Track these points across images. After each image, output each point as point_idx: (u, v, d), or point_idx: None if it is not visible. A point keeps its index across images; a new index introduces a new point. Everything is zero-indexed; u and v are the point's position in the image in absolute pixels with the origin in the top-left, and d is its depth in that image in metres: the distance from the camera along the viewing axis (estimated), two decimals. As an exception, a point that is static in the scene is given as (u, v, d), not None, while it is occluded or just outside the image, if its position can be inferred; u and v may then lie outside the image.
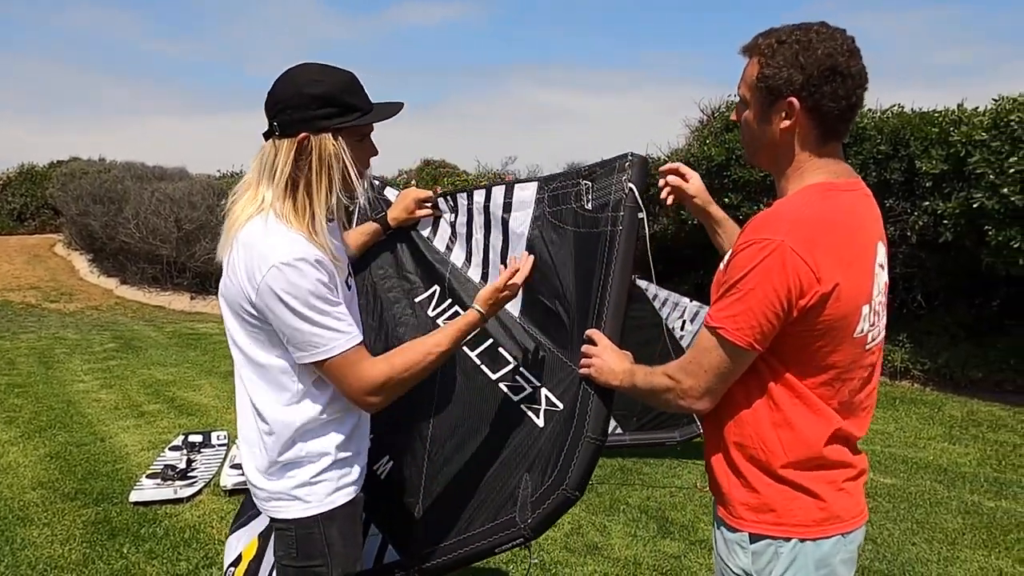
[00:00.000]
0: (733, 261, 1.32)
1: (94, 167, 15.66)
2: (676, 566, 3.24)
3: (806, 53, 1.29)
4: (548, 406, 1.75)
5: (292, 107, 1.46)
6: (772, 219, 1.30)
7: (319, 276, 1.45)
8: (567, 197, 1.83)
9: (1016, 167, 5.34)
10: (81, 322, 10.56)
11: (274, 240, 1.44)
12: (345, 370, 1.48)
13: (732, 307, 1.30)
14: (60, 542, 3.41)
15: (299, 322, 1.44)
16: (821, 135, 1.35)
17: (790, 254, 1.25)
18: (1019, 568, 3.23)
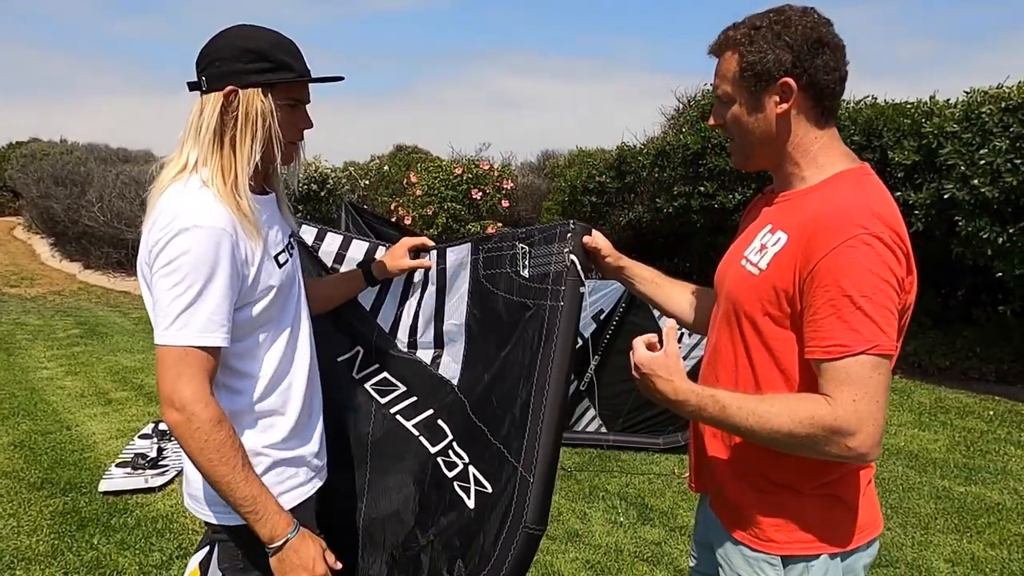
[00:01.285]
0: (836, 268, 1.17)
1: (55, 148, 15.24)
2: (657, 552, 3.25)
3: (788, 31, 1.26)
4: (477, 486, 1.63)
5: (221, 59, 1.38)
6: (854, 213, 1.20)
7: (222, 252, 1.31)
8: (502, 260, 1.71)
9: (986, 159, 5.41)
10: (43, 307, 10.27)
11: (186, 203, 1.33)
12: (177, 367, 1.29)
13: (872, 318, 1.16)
14: (27, 533, 3.31)
15: (166, 291, 1.29)
16: (820, 113, 1.31)
17: (893, 245, 1.19)
18: (991, 552, 3.30)
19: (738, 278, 1.37)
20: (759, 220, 1.41)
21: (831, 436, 1.17)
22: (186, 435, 1.29)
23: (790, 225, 1.29)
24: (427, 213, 10.09)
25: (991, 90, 5.74)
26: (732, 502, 1.39)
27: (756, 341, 1.33)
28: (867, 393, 1.16)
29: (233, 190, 1.36)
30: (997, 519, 3.63)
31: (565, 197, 9.79)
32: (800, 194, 1.33)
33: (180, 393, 1.28)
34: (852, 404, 1.16)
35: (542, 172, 12.64)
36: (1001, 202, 5.39)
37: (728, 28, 1.34)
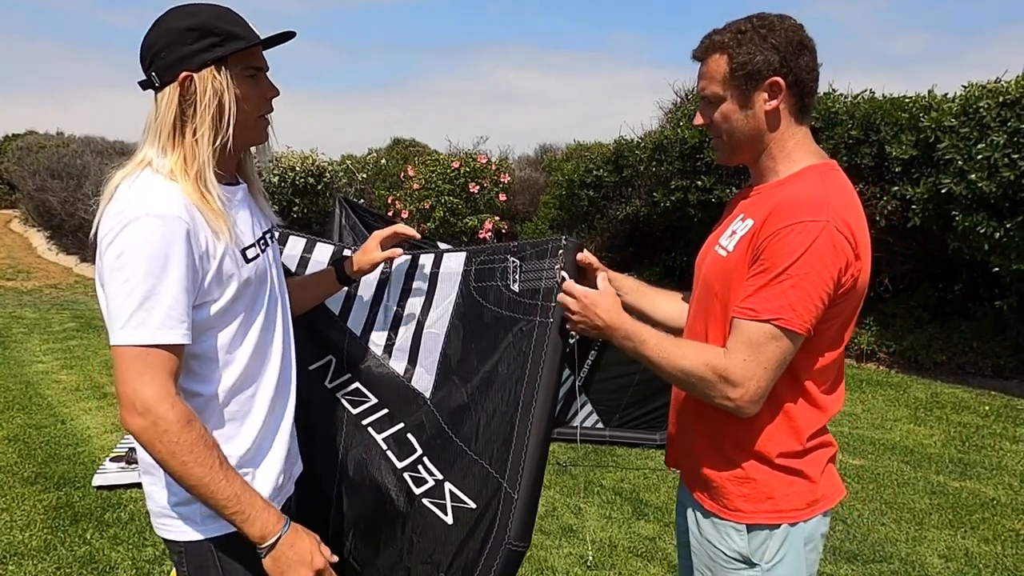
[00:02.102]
0: (774, 246, 1.28)
1: (52, 141, 15.19)
2: (651, 547, 3.25)
3: (773, 34, 1.36)
4: (455, 502, 1.60)
5: (165, 47, 1.27)
6: (807, 202, 1.30)
7: (173, 241, 1.21)
8: (492, 273, 1.69)
9: (984, 153, 5.40)
10: (39, 300, 10.25)
11: (134, 195, 1.23)
12: (124, 368, 1.19)
13: (787, 294, 1.27)
14: (20, 528, 3.30)
15: (119, 287, 1.19)
16: (800, 110, 1.41)
17: (836, 234, 1.27)
18: (984, 547, 3.30)
19: (711, 263, 1.47)
20: (735, 211, 1.50)
21: (717, 382, 1.32)
22: (153, 440, 1.19)
23: (757, 213, 1.39)
24: (424, 207, 10.07)
25: (989, 84, 5.73)
26: (704, 475, 1.47)
27: (719, 318, 1.43)
28: (758, 357, 1.30)
29: (197, 181, 1.27)
30: (991, 514, 3.63)
31: (563, 191, 9.77)
32: (771, 186, 1.43)
33: (142, 395, 1.18)
34: (742, 362, 1.30)
35: (540, 166, 12.61)
36: (998, 197, 5.38)
37: (711, 34, 1.42)
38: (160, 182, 1.26)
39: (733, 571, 1.44)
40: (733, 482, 1.43)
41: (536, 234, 10.33)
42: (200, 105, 1.28)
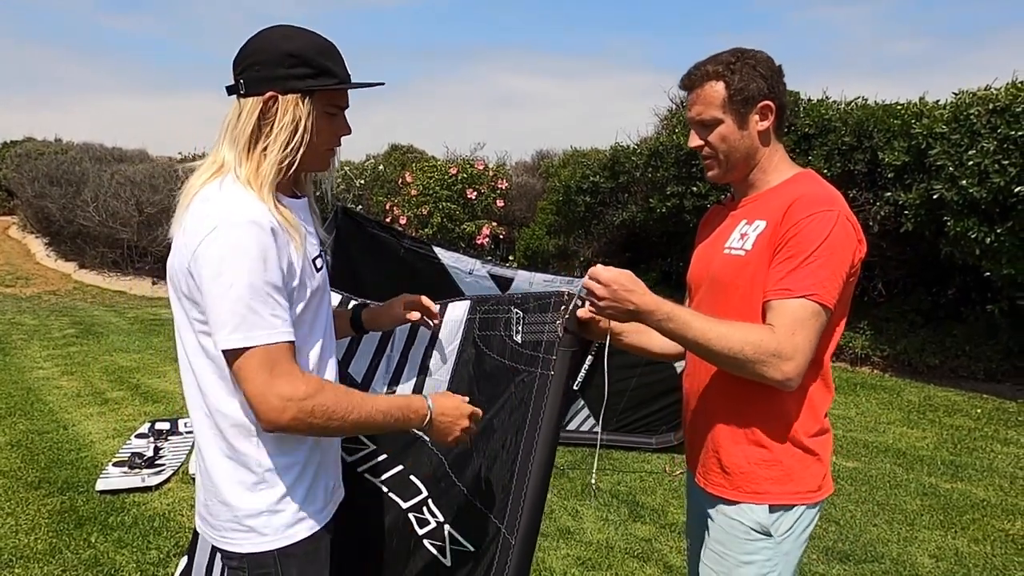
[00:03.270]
0: (800, 234, 1.43)
1: (50, 148, 15.23)
2: (647, 549, 3.31)
3: (759, 64, 1.54)
4: (455, 545, 1.65)
5: (261, 63, 1.32)
6: (820, 196, 1.48)
7: (268, 246, 1.26)
8: (497, 323, 1.70)
9: (974, 160, 5.48)
10: (38, 307, 10.29)
11: (226, 200, 1.28)
12: (266, 366, 1.24)
13: (818, 272, 1.42)
14: (25, 532, 3.34)
15: (229, 294, 1.23)
16: (779, 128, 1.60)
17: (847, 222, 1.46)
18: (974, 547, 3.36)
19: (724, 263, 1.58)
20: (728, 222, 1.64)
21: (770, 359, 1.39)
22: (308, 421, 1.26)
23: (766, 213, 1.53)
24: (422, 213, 10.12)
25: (979, 91, 5.81)
26: (728, 464, 1.57)
27: (736, 308, 1.53)
28: (802, 331, 1.41)
29: (266, 192, 1.32)
30: (981, 515, 3.69)
31: (559, 197, 9.83)
32: (766, 193, 1.59)
33: (278, 392, 1.24)
34: (791, 336, 1.40)
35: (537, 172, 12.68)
36: (989, 202, 5.46)
37: (703, 64, 1.57)
38: (243, 191, 1.31)
39: (748, 541, 1.55)
40: (761, 466, 1.53)
41: (534, 239, 10.38)
42: (277, 126, 1.33)
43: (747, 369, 1.42)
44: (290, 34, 1.36)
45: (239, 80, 1.35)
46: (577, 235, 9.83)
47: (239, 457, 1.35)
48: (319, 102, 1.36)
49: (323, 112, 1.37)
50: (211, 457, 1.38)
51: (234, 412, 1.34)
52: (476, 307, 1.75)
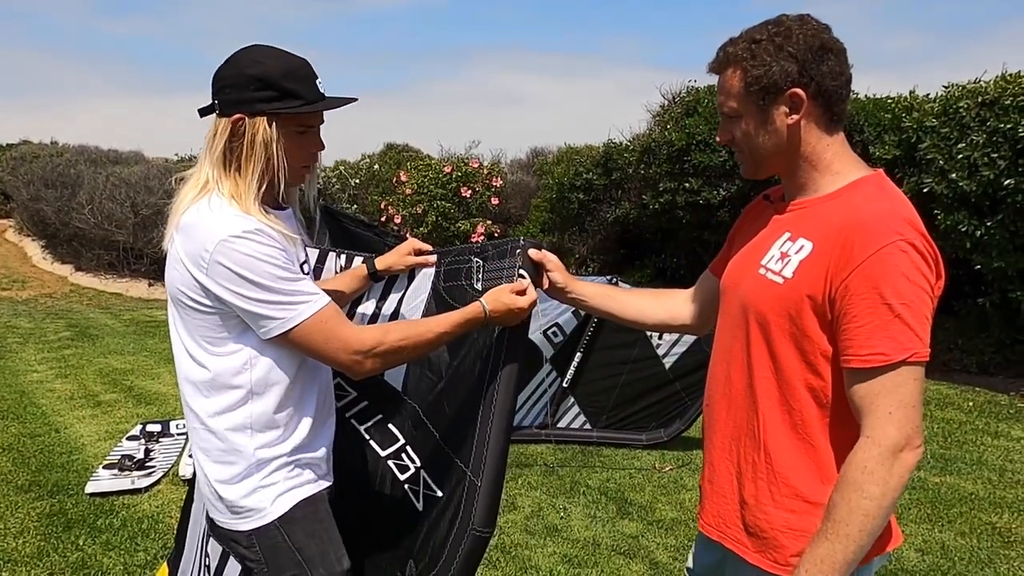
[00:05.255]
0: (872, 277, 1.18)
1: (45, 151, 15.23)
2: (634, 545, 3.31)
3: (789, 41, 1.26)
4: (426, 490, 1.71)
5: (230, 86, 1.42)
6: (884, 220, 1.21)
7: (270, 246, 1.38)
8: (458, 273, 1.77)
9: (964, 153, 5.48)
10: (34, 310, 10.29)
11: (218, 216, 1.38)
12: (324, 332, 1.40)
13: (911, 326, 1.18)
14: (13, 535, 3.35)
15: (260, 292, 1.37)
16: (830, 119, 1.31)
17: (926, 253, 1.21)
18: (960, 540, 3.36)
19: (758, 287, 1.35)
20: (771, 228, 1.40)
21: (894, 460, 1.17)
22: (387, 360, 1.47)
23: (813, 233, 1.29)
24: (417, 211, 10.12)
25: (968, 85, 5.81)
26: (767, 535, 1.35)
27: (761, 348, 1.34)
28: (902, 401, 1.18)
29: (252, 207, 1.42)
30: (969, 508, 3.70)
31: (553, 194, 9.84)
32: (817, 201, 1.32)
33: (353, 350, 1.41)
34: (888, 416, 1.18)
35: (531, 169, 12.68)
36: (978, 195, 5.46)
37: (726, 44, 1.34)
38: (229, 206, 1.41)
39: None
40: (796, 534, 1.31)
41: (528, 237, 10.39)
42: (247, 148, 1.42)
43: (896, 492, 1.19)
44: (258, 58, 1.43)
45: (215, 101, 1.44)
46: (571, 232, 9.83)
47: (230, 453, 1.47)
48: (287, 124, 1.44)
49: (292, 132, 1.45)
50: (206, 455, 1.50)
51: (225, 419, 1.47)
52: (440, 260, 1.85)
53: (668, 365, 4.47)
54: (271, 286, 1.37)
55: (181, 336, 1.48)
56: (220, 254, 1.35)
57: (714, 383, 1.49)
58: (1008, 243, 5.47)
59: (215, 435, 1.47)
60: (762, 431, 1.35)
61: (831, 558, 1.21)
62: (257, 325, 1.40)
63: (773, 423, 1.34)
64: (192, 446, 1.55)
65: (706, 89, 7.97)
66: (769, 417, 1.35)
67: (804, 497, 1.31)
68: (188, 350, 1.47)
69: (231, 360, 1.44)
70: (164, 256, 1.47)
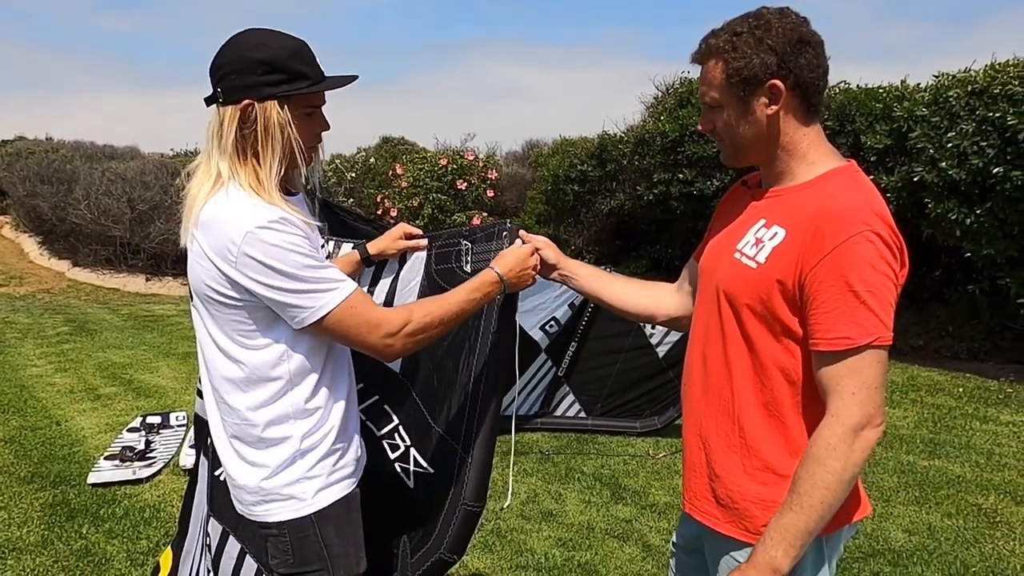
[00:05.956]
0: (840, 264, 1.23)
1: (41, 147, 15.23)
2: (627, 529, 3.38)
3: (769, 34, 1.31)
4: (416, 467, 1.75)
5: (235, 72, 1.38)
6: (854, 210, 1.26)
7: (295, 235, 1.37)
8: (448, 256, 1.82)
9: (954, 142, 5.53)
10: (32, 306, 10.32)
11: (240, 208, 1.36)
12: (355, 317, 1.40)
13: (875, 311, 1.23)
14: (17, 525, 3.41)
15: (290, 282, 1.35)
16: (807, 110, 1.36)
17: (891, 244, 1.26)
18: (947, 521, 3.44)
19: (732, 271, 1.41)
20: (748, 214, 1.45)
21: (855, 441, 1.24)
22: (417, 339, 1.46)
23: (787, 220, 1.34)
24: (413, 204, 10.15)
25: (958, 74, 5.86)
26: (739, 506, 1.41)
27: (734, 330, 1.40)
28: (865, 382, 1.25)
29: (268, 195, 1.40)
30: (956, 491, 3.77)
31: (548, 186, 9.88)
32: (792, 190, 1.38)
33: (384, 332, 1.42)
34: (851, 396, 1.25)
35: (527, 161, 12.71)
36: (968, 184, 5.52)
37: (708, 36, 1.38)
38: (249, 196, 1.39)
39: None
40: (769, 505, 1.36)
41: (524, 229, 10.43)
42: (261, 133, 1.40)
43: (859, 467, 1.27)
44: (261, 40, 1.41)
45: (216, 89, 1.41)
46: (567, 224, 9.88)
47: (274, 445, 1.46)
48: (296, 105, 1.42)
49: (301, 114, 1.43)
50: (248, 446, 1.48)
51: (269, 411, 1.45)
52: (431, 244, 1.88)
53: (662, 354, 4.53)
54: (300, 275, 1.35)
55: (211, 333, 1.45)
56: (248, 245, 1.33)
57: (691, 363, 1.55)
58: (997, 231, 5.53)
59: (257, 427, 1.45)
60: (737, 407, 1.42)
61: (794, 526, 1.28)
62: (288, 315, 1.39)
63: (747, 400, 1.41)
64: (222, 439, 1.52)
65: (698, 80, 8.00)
66: (743, 394, 1.41)
67: (774, 470, 1.38)
68: (220, 347, 1.45)
69: (266, 353, 1.43)
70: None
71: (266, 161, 1.40)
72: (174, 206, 12.15)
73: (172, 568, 2.30)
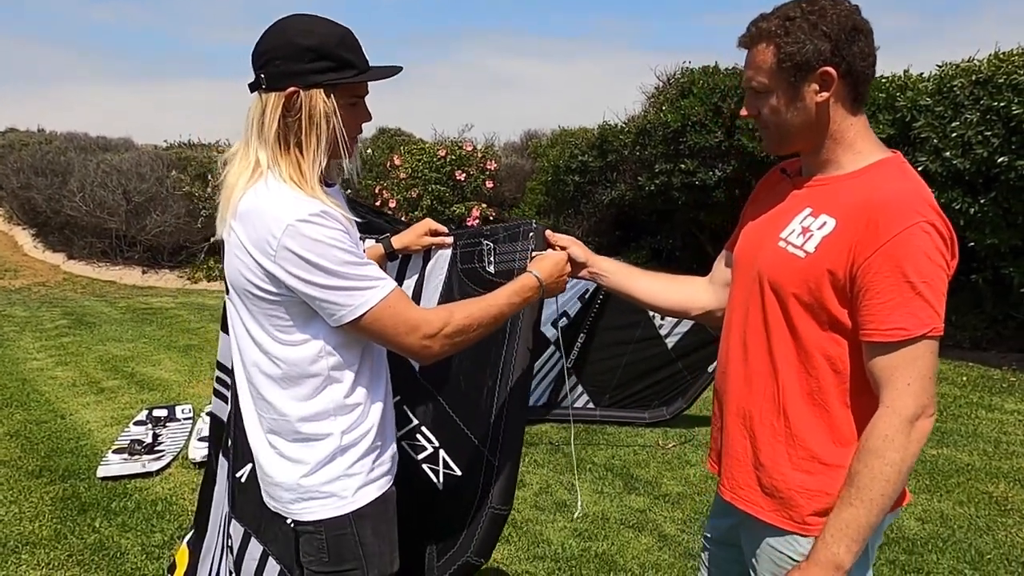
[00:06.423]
0: (896, 255, 1.23)
1: (34, 138, 15.09)
2: (642, 519, 3.38)
3: (824, 20, 1.29)
4: (446, 469, 1.73)
5: (281, 58, 1.34)
6: (907, 201, 1.26)
7: (337, 229, 1.33)
8: (471, 256, 1.79)
9: (958, 131, 5.54)
10: (28, 299, 10.25)
11: (281, 200, 1.33)
12: (393, 317, 1.35)
13: (930, 302, 1.24)
14: (29, 519, 3.39)
15: (329, 278, 1.31)
16: (855, 99, 1.35)
17: (945, 235, 1.26)
18: (959, 509, 3.45)
19: (778, 260, 1.39)
20: (790, 202, 1.44)
21: (911, 428, 1.25)
22: (456, 341, 1.42)
23: (836, 210, 1.32)
24: (411, 196, 10.12)
25: (962, 64, 5.86)
26: (783, 495, 1.40)
27: (779, 319, 1.39)
28: (920, 373, 1.26)
29: (311, 187, 1.36)
30: (966, 479, 3.79)
31: (548, 177, 9.86)
32: (839, 179, 1.37)
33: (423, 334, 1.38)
34: (907, 387, 1.25)
35: (525, 152, 12.68)
36: (972, 173, 5.53)
37: (758, 20, 1.36)
38: (289, 188, 1.35)
39: None
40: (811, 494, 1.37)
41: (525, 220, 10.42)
42: (306, 122, 1.36)
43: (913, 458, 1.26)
44: (309, 27, 1.37)
45: (259, 75, 1.36)
46: (567, 215, 9.87)
47: (314, 441, 1.43)
48: (341, 95, 1.39)
49: (345, 104, 1.40)
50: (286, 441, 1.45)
51: (309, 406, 1.42)
52: (456, 243, 1.87)
53: (671, 345, 4.53)
54: (340, 271, 1.31)
55: (248, 327, 1.43)
56: (289, 238, 1.29)
57: (730, 351, 1.53)
58: (1001, 220, 5.54)
59: (296, 424, 1.42)
60: (782, 396, 1.41)
61: (855, 521, 1.28)
62: (325, 313, 1.35)
63: (791, 389, 1.40)
64: (258, 435, 1.49)
65: (700, 70, 7.99)
66: (788, 383, 1.40)
67: (820, 459, 1.37)
68: (257, 342, 1.42)
69: (305, 349, 1.40)
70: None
71: (309, 151, 1.37)
72: (170, 198, 12.06)
73: (189, 566, 2.29)
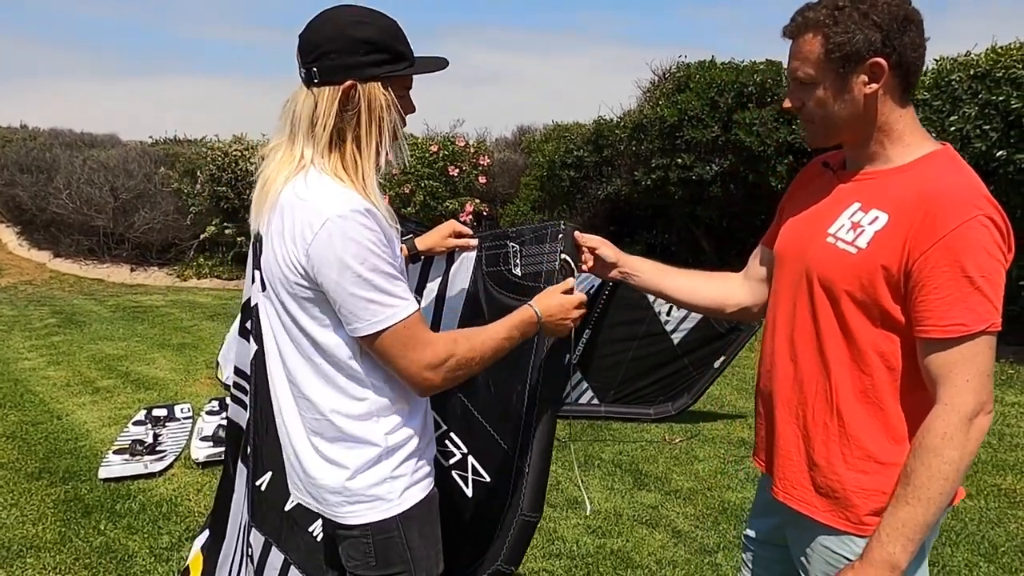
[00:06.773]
0: (954, 249, 1.20)
1: (18, 135, 14.86)
2: (655, 515, 3.37)
3: (874, 9, 1.26)
4: (475, 476, 1.71)
5: (336, 51, 1.30)
6: (963, 194, 1.23)
7: (377, 233, 1.29)
8: (498, 259, 1.75)
9: (956, 125, 5.56)
10: (15, 297, 10.09)
11: (324, 193, 1.29)
12: (406, 342, 1.30)
13: (989, 297, 1.21)
14: (32, 522, 3.32)
15: (357, 285, 1.26)
16: (904, 90, 1.32)
17: (1003, 228, 1.23)
18: (969, 502, 3.46)
19: (828, 256, 1.36)
20: (836, 196, 1.41)
21: (970, 426, 1.22)
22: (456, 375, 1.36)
23: (887, 204, 1.30)
24: (404, 191, 10.05)
25: (960, 58, 5.88)
26: (839, 496, 1.37)
27: (829, 316, 1.36)
28: (979, 369, 1.22)
29: (363, 186, 1.32)
30: (974, 472, 3.80)
31: (543, 172, 9.82)
32: (888, 173, 1.33)
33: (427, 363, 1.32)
34: (966, 384, 1.22)
35: (518, 147, 12.63)
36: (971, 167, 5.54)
37: (804, 9, 1.32)
38: (334, 182, 1.31)
39: None
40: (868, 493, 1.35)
41: (518, 215, 10.38)
42: (365, 115, 1.33)
43: (970, 456, 1.24)
44: (360, 18, 1.34)
45: (312, 68, 1.32)
46: (562, 210, 9.84)
47: (358, 444, 1.39)
48: (395, 87, 1.37)
49: (397, 96, 1.38)
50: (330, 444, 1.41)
51: (352, 406, 1.39)
52: (481, 245, 1.83)
53: (676, 341, 4.51)
54: (370, 280, 1.27)
55: (285, 325, 1.39)
56: (327, 233, 1.25)
57: (776, 351, 1.50)
58: (999, 214, 5.57)
59: (340, 426, 1.39)
60: (834, 395, 1.38)
61: (912, 521, 1.25)
62: (345, 319, 1.31)
63: (844, 387, 1.37)
64: (300, 437, 1.45)
65: (696, 65, 7.97)
66: (840, 382, 1.37)
67: (875, 458, 1.34)
68: (295, 340, 1.39)
69: (345, 349, 1.36)
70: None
71: (370, 146, 1.34)
72: (158, 195, 11.91)
73: (204, 573, 2.24)
